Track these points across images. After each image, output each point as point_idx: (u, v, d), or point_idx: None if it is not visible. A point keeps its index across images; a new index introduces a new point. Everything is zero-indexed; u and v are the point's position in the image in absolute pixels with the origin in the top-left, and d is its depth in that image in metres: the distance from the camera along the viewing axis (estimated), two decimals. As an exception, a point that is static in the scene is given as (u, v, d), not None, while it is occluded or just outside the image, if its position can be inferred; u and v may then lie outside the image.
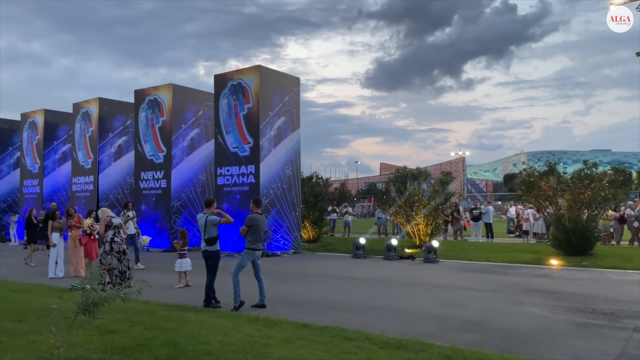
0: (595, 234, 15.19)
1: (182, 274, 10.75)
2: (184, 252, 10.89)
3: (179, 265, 10.74)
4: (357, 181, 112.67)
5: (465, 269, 13.44)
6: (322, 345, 5.50)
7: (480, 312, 7.94)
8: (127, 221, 13.82)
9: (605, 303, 8.55)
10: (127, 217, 14.07)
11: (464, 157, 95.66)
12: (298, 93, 18.85)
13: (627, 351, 5.76)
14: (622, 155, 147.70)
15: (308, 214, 20.04)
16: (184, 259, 10.76)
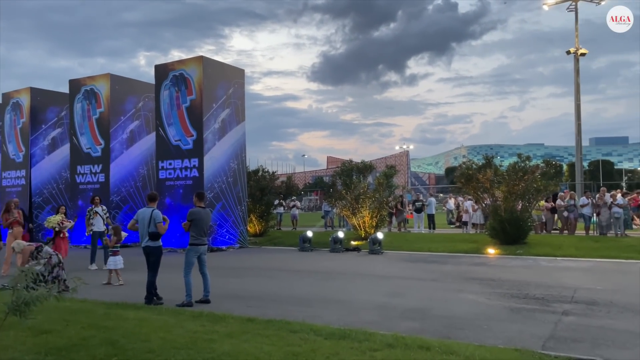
0: (528, 224, 16.01)
1: (116, 272, 10.32)
2: (116, 249, 10.47)
3: (113, 263, 10.27)
4: (304, 175, 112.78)
5: (408, 259, 13.80)
6: (267, 339, 5.48)
7: (422, 301, 8.18)
8: (93, 217, 12.80)
9: (537, 289, 9.04)
10: (93, 212, 12.93)
11: (408, 150, 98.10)
12: (243, 85, 18.61)
13: (556, 333, 6.12)
14: (554, 149, 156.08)
15: (254, 207, 19.88)
16: (117, 256, 10.33)
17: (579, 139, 27.91)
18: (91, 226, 12.75)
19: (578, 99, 27.47)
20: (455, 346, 5.15)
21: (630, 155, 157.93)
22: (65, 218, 12.22)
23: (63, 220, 11.94)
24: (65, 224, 11.90)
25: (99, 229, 12.80)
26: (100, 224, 12.84)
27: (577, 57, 27.03)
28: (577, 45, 26.72)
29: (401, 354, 4.87)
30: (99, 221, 12.85)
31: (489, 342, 5.60)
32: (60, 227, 11.83)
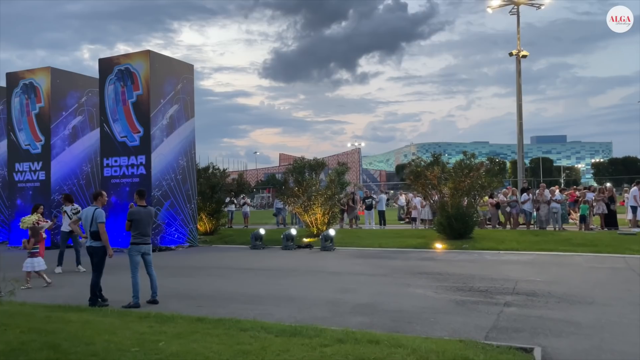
0: (474, 219, 16.59)
1: (31, 274, 9.79)
2: (35, 250, 9.98)
3: (30, 265, 9.77)
4: (256, 172, 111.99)
5: (359, 255, 13.98)
6: (217, 338, 5.42)
7: (372, 296, 8.32)
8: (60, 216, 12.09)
9: (481, 281, 9.39)
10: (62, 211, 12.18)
11: (359, 148, 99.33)
12: (192, 80, 18.23)
13: (498, 324, 6.39)
14: (498, 147, 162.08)
15: (204, 205, 19.55)
16: (36, 258, 9.84)
17: (520, 138, 29.14)
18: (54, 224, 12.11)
19: (520, 99, 28.69)
20: (403, 339, 5.27)
21: (568, 153, 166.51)
22: (42, 218, 11.31)
23: (39, 220, 11.01)
24: (42, 224, 10.94)
25: (65, 229, 12.13)
26: (67, 223, 12.13)
27: (519, 58, 28.21)
28: (519, 48, 27.89)
29: (351, 348, 4.94)
30: (66, 221, 12.18)
31: (435, 334, 5.78)
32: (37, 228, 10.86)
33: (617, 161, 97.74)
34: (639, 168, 78.70)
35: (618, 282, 9.14)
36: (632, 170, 72.16)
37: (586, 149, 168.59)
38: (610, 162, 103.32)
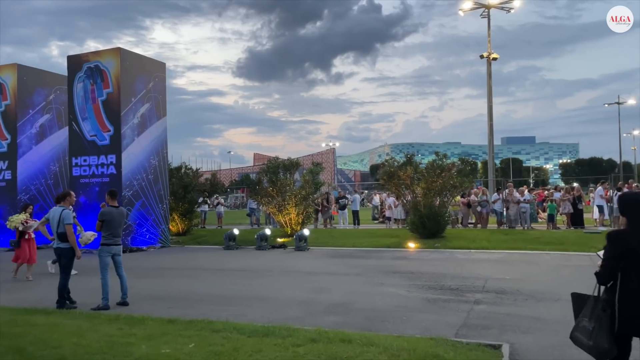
0: (446, 218, 16.84)
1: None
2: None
3: None
4: (230, 172, 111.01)
5: (333, 255, 14.03)
6: (188, 339, 5.36)
7: (345, 295, 8.36)
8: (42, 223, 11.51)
9: (453, 280, 9.54)
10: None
11: (334, 148, 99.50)
12: (164, 79, 17.99)
13: (468, 321, 6.50)
14: (470, 147, 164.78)
15: (177, 206, 19.29)
16: None
17: (491, 138, 29.66)
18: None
19: (490, 100, 29.22)
20: (375, 338, 5.32)
21: (537, 154, 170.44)
22: (31, 217, 10.83)
23: (27, 219, 10.55)
24: (30, 223, 10.50)
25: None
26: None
27: (490, 61, 28.73)
28: (490, 50, 28.41)
29: (323, 348, 4.96)
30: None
31: (407, 333, 5.85)
32: (24, 227, 10.48)
33: (583, 162, 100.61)
34: (604, 168, 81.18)
35: (583, 279, 9.37)
36: (598, 171, 74.40)
37: (554, 150, 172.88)
38: (577, 162, 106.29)
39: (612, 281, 3.58)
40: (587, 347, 3.62)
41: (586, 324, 3.63)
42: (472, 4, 27.77)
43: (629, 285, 3.48)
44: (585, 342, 3.62)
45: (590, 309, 3.65)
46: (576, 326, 3.75)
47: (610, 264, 3.57)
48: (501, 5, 28.00)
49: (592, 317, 3.60)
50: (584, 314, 3.70)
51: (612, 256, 3.58)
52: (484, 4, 27.82)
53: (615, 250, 3.57)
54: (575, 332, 3.75)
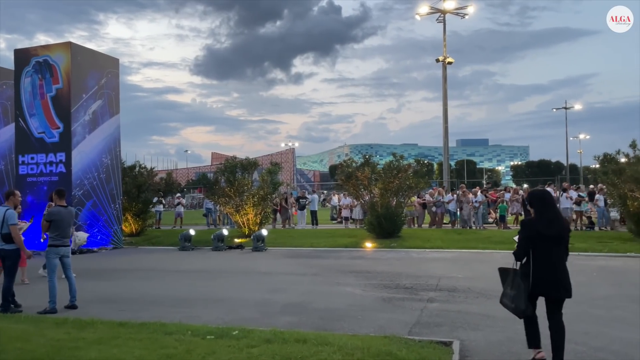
0: (402, 219, 17.14)
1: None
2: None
3: None
4: (187, 171, 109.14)
5: (291, 255, 14.02)
6: (140, 342, 5.24)
7: (302, 295, 8.38)
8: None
9: (407, 279, 9.72)
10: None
11: (293, 148, 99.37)
12: (117, 75, 17.48)
13: (421, 319, 6.65)
14: (426, 149, 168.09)
15: (130, 206, 18.78)
16: None
17: (446, 141, 30.44)
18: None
19: (446, 103, 29.98)
20: (330, 337, 5.35)
21: (490, 156, 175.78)
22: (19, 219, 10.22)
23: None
24: (20, 224, 9.62)
25: None
26: None
27: (445, 65, 29.47)
28: (445, 54, 29.14)
29: (278, 348, 4.95)
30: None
31: (361, 332, 5.92)
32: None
33: (533, 164, 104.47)
34: (553, 170, 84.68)
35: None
36: (547, 172, 77.52)
37: (506, 152, 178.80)
38: (527, 164, 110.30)
39: (526, 257, 4.63)
40: (510, 308, 4.69)
41: (509, 292, 4.69)
42: (429, 8, 28.41)
43: (537, 259, 4.55)
44: (509, 305, 4.69)
45: (511, 280, 4.69)
46: (503, 293, 4.79)
47: (524, 244, 4.63)
48: (456, 11, 28.78)
49: (513, 286, 4.65)
50: (507, 284, 4.74)
51: (525, 238, 4.63)
52: (440, 9, 28.51)
53: (527, 234, 4.62)
54: (502, 298, 4.79)
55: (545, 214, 4.65)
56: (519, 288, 4.56)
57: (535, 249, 4.56)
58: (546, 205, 4.71)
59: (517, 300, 4.58)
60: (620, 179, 14.66)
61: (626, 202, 14.49)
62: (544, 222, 4.59)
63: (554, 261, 4.54)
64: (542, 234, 4.53)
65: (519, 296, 4.56)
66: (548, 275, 4.52)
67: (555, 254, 4.55)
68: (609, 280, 9.30)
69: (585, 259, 12.04)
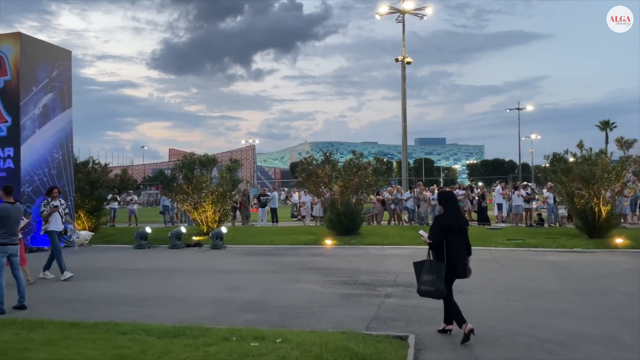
0: (361, 216, 17.33)
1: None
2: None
3: None
4: (143, 167, 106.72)
5: (250, 253, 13.95)
6: (92, 343, 5.11)
7: (260, 293, 8.36)
8: (51, 213, 10.11)
9: (366, 275, 9.85)
10: (50, 207, 10.20)
11: (254, 145, 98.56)
12: (70, 68, 16.88)
13: (379, 314, 6.76)
14: (386, 147, 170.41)
15: (83, 203, 18.17)
16: None
17: (405, 139, 30.92)
18: (46, 224, 10.20)
19: (405, 102, 30.45)
20: (288, 334, 5.37)
21: (447, 155, 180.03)
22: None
23: None
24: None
25: (57, 227, 10.25)
26: (58, 221, 10.29)
27: (404, 64, 29.93)
28: (404, 54, 29.59)
29: (235, 346, 4.93)
30: (57, 218, 10.25)
31: (320, 328, 5.97)
32: None
33: (488, 162, 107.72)
34: (506, 169, 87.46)
35: (484, 272, 10.09)
36: (501, 171, 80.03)
37: (462, 151, 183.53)
38: (482, 163, 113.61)
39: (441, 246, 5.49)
40: (430, 293, 5.49)
41: (427, 278, 5.49)
42: (388, 8, 28.77)
43: (450, 247, 5.47)
44: (429, 290, 5.47)
45: (428, 267, 5.51)
46: (420, 282, 5.59)
47: (440, 236, 5.50)
48: (415, 12, 29.27)
49: (431, 272, 5.46)
50: (424, 272, 5.53)
51: (440, 230, 5.53)
52: (399, 9, 28.92)
53: (441, 227, 5.55)
54: (420, 286, 5.58)
55: (451, 210, 5.67)
56: (437, 272, 5.40)
57: (447, 239, 5.47)
58: (452, 203, 5.76)
59: (436, 283, 5.39)
60: (568, 178, 15.31)
61: (573, 200, 15.16)
62: (451, 217, 5.61)
63: (460, 249, 5.54)
64: (452, 227, 5.50)
65: (438, 279, 5.39)
66: (458, 260, 5.50)
67: (460, 242, 5.55)
68: (557, 274, 9.71)
69: (535, 254, 12.54)
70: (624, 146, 15.23)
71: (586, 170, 14.71)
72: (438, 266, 5.42)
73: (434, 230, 5.62)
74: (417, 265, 5.70)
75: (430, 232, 5.68)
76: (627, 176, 15.58)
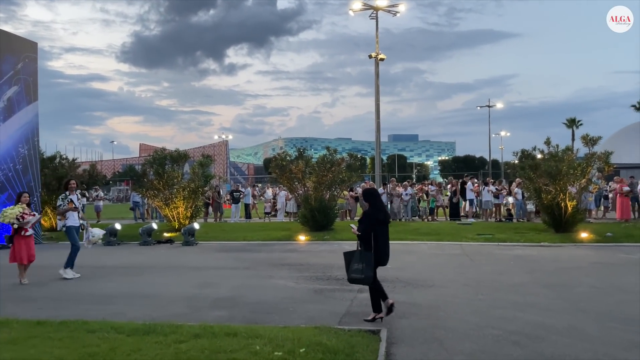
0: (335, 211, 17.39)
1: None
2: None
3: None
4: (113, 162, 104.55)
5: (222, 249, 13.83)
6: (60, 342, 4.98)
7: (233, 289, 8.30)
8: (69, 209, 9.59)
9: (339, 270, 9.84)
10: (68, 201, 9.65)
11: (227, 140, 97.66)
12: (36, 60, 16.36)
13: (351, 309, 6.80)
14: (359, 143, 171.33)
15: (50, 199, 17.70)
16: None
17: (378, 135, 31.09)
18: (64, 219, 9.75)
19: (378, 99, 30.59)
20: (261, 330, 5.35)
21: (419, 151, 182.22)
22: (29, 209, 9.10)
23: (24, 213, 8.86)
24: (28, 218, 8.87)
25: (74, 223, 9.80)
26: (75, 216, 9.85)
27: (377, 61, 30.06)
28: (377, 51, 29.71)
29: (207, 342, 4.89)
30: (74, 213, 9.79)
31: (293, 323, 5.96)
32: (20, 223, 8.77)
33: (459, 159, 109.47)
34: (477, 165, 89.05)
35: (454, 266, 10.29)
36: (472, 167, 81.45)
37: (434, 148, 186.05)
38: (453, 159, 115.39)
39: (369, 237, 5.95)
40: (360, 280, 5.94)
41: (357, 266, 5.91)
42: (362, 4, 28.81)
43: (378, 238, 5.98)
44: (359, 277, 5.91)
45: (358, 257, 5.95)
46: (350, 271, 5.98)
47: (370, 228, 5.98)
48: (388, 9, 29.39)
49: (360, 261, 5.90)
50: (354, 262, 5.96)
51: (370, 223, 6.01)
52: (373, 5, 29.01)
53: (371, 220, 6.03)
54: (351, 274, 5.99)
55: (376, 204, 6.20)
56: (367, 261, 5.87)
57: (376, 231, 5.99)
58: (376, 198, 6.33)
59: (366, 271, 5.85)
60: (535, 174, 15.68)
61: (541, 195, 15.54)
62: (378, 211, 6.14)
63: (386, 238, 6.13)
64: (379, 219, 6.06)
65: (367, 267, 5.85)
66: (386, 249, 6.08)
67: (386, 233, 6.14)
68: (524, 268, 9.95)
69: (504, 249, 12.81)
70: (589, 143, 15.66)
71: (553, 166, 15.09)
72: (367, 255, 5.88)
73: (364, 223, 6.04)
74: (347, 255, 6.11)
75: (359, 225, 6.09)
76: (592, 172, 16.05)
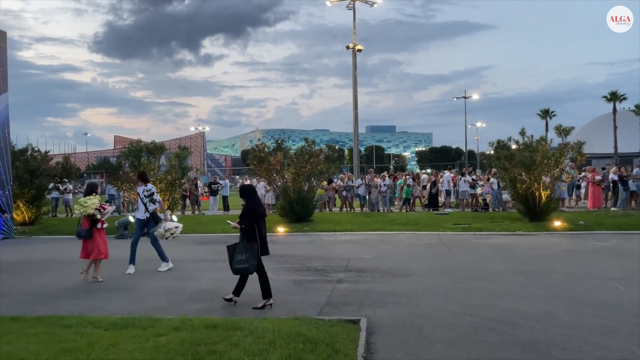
0: (313, 203, 17.41)
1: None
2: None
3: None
4: (87, 155, 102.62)
5: (201, 241, 13.72)
6: (35, 337, 4.89)
7: (212, 282, 8.26)
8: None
9: (318, 261, 9.93)
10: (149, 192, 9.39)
11: (204, 132, 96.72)
12: (5, 50, 15.88)
13: (331, 300, 6.84)
14: (337, 134, 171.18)
15: (22, 192, 17.28)
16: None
17: (356, 127, 31.22)
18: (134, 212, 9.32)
19: (356, 90, 30.69)
20: (241, 322, 5.35)
21: (397, 142, 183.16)
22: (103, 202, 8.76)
23: (102, 204, 8.54)
24: (108, 208, 8.62)
25: (140, 216, 9.62)
26: (142, 209, 9.58)
27: (355, 52, 30.11)
28: (355, 42, 29.75)
29: (187, 335, 4.86)
30: (140, 206, 9.54)
31: (273, 314, 5.98)
32: (100, 214, 8.41)
33: (436, 150, 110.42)
34: (453, 156, 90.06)
35: (432, 255, 10.43)
36: (449, 158, 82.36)
37: (411, 139, 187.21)
38: (430, 150, 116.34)
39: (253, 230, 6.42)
40: (246, 269, 6.34)
41: (241, 257, 6.32)
42: (340, -5, 28.75)
43: (260, 230, 6.51)
44: (244, 267, 6.31)
45: (241, 248, 6.37)
46: (234, 262, 6.37)
47: (253, 222, 6.46)
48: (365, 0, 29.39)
49: (244, 251, 6.33)
50: (237, 253, 6.36)
51: (252, 217, 6.50)
52: (351, -4, 28.99)
53: (254, 215, 6.53)
54: (235, 265, 6.37)
55: (254, 200, 6.73)
56: (250, 251, 6.31)
57: (258, 224, 6.48)
58: (253, 195, 6.82)
59: (250, 260, 6.27)
60: (510, 164, 15.96)
61: (516, 185, 15.83)
62: (258, 205, 6.78)
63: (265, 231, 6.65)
64: (260, 213, 6.64)
65: (251, 257, 6.28)
66: (266, 240, 6.59)
67: (264, 225, 6.67)
68: (500, 256, 10.15)
69: (480, 238, 13.04)
70: (562, 133, 16.04)
71: (527, 156, 15.38)
72: (251, 246, 6.32)
73: (247, 218, 6.52)
74: (230, 248, 6.50)
75: (241, 219, 6.55)
76: (565, 162, 16.41)
